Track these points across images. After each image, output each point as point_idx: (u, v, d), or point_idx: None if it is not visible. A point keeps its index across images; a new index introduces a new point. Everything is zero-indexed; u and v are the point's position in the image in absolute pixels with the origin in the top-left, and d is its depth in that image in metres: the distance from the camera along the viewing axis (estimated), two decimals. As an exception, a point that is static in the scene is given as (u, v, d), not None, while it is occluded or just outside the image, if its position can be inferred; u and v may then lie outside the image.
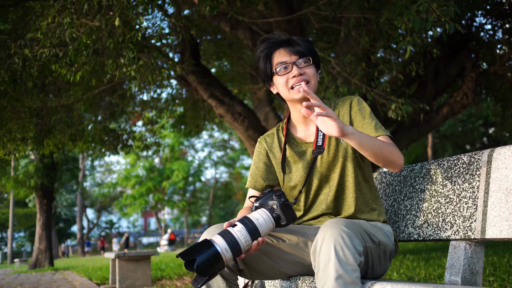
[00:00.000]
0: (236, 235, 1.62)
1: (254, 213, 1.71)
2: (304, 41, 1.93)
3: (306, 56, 1.90)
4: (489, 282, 3.61)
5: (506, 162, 1.63)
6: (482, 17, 7.29)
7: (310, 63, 1.91)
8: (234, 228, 1.65)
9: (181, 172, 30.37)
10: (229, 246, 1.60)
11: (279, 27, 6.08)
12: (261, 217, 1.69)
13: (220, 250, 1.58)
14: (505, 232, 1.57)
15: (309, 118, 1.96)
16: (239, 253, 1.63)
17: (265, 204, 1.74)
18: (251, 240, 1.65)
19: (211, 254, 1.57)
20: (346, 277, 1.47)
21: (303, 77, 1.89)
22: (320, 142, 1.87)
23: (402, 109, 4.76)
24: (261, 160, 2.06)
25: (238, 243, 1.61)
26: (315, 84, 1.92)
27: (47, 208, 14.68)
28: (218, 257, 1.57)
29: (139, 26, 4.18)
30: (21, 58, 4.35)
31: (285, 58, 1.90)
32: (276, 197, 1.73)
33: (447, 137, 22.02)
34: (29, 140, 7.38)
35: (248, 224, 1.66)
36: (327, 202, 1.93)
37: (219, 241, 1.60)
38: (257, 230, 1.66)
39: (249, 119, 7.00)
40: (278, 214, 1.71)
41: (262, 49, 1.96)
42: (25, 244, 40.40)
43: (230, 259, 1.61)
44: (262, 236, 1.68)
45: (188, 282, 6.42)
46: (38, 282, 8.48)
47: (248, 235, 1.64)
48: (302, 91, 1.67)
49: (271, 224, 1.71)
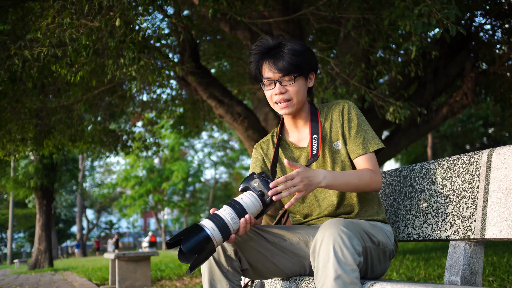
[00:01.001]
0: (224, 216, 1.65)
1: (240, 195, 1.75)
2: (292, 53, 1.87)
3: (290, 73, 1.87)
4: (489, 282, 3.61)
5: (506, 162, 1.63)
6: (481, 17, 7.30)
7: (293, 81, 1.88)
8: (220, 210, 1.68)
9: (181, 172, 30.36)
10: (217, 228, 1.62)
11: (278, 27, 6.08)
12: (247, 198, 1.71)
13: (210, 233, 1.60)
14: (504, 232, 1.57)
15: (300, 123, 2.01)
16: (228, 235, 1.65)
17: (248, 185, 1.76)
18: (239, 219, 1.67)
19: (200, 236, 1.59)
20: (345, 277, 1.48)
21: (284, 96, 1.89)
22: (315, 150, 1.90)
23: (400, 112, 4.77)
24: (258, 166, 2.08)
25: (226, 224, 1.64)
26: (300, 98, 1.92)
27: (47, 208, 14.68)
28: (208, 240, 1.60)
29: (139, 26, 4.18)
30: (21, 59, 4.35)
31: (269, 74, 1.90)
32: (257, 176, 1.75)
33: (447, 137, 22.03)
34: (29, 141, 7.38)
35: (234, 204, 1.69)
36: (329, 206, 1.94)
37: (207, 224, 1.63)
38: (244, 211, 1.68)
39: (248, 120, 6.99)
40: (261, 191, 1.72)
41: (251, 59, 1.95)
42: (25, 244, 40.37)
43: (220, 241, 1.63)
44: (249, 213, 1.70)
45: (187, 283, 6.41)
46: (37, 282, 8.47)
47: (235, 213, 1.66)
48: (274, 199, 1.70)
49: (258, 204, 1.72)
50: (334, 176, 1.77)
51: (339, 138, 1.94)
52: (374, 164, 1.90)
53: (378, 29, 5.02)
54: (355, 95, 4.94)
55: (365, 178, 1.83)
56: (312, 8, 5.48)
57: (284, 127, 2.09)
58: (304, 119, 2.00)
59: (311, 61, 1.94)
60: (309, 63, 1.92)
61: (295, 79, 1.88)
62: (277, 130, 2.10)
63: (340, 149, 1.93)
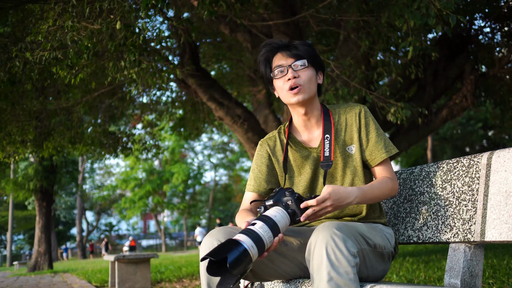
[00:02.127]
0: (259, 232, 1.61)
1: (270, 210, 1.71)
2: (304, 45, 1.93)
3: (302, 58, 1.89)
4: (489, 284, 3.61)
5: (506, 165, 1.63)
6: (481, 20, 7.31)
7: (306, 65, 1.89)
8: (255, 226, 1.63)
9: (181, 174, 30.37)
10: (254, 243, 1.58)
11: (278, 30, 6.09)
12: (278, 214, 1.69)
13: (247, 247, 1.55)
14: (504, 234, 1.57)
15: (311, 123, 1.98)
16: (263, 250, 1.61)
17: (279, 201, 1.73)
18: (273, 237, 1.64)
19: (240, 251, 1.53)
20: (338, 280, 1.48)
21: (296, 80, 1.88)
22: (327, 152, 1.88)
23: (401, 113, 4.76)
24: (264, 163, 2.04)
25: (262, 240, 1.60)
26: (312, 88, 1.91)
27: (47, 210, 14.67)
28: (246, 254, 1.54)
29: (140, 29, 4.19)
30: (22, 61, 4.35)
31: (281, 62, 1.91)
32: (289, 193, 1.73)
33: (447, 139, 22.05)
34: (29, 143, 7.38)
35: (268, 221, 1.65)
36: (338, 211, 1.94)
37: (244, 239, 1.57)
38: (276, 226, 1.66)
39: (248, 122, 7.00)
40: (293, 210, 1.71)
41: (262, 54, 1.97)
42: (24, 246, 40.34)
43: (256, 256, 1.59)
44: (281, 232, 1.68)
45: (187, 285, 6.41)
46: (37, 285, 8.46)
47: (270, 231, 1.63)
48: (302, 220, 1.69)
49: (287, 220, 1.71)
50: (364, 194, 1.77)
51: (353, 142, 1.92)
52: (391, 170, 1.92)
53: (378, 31, 5.03)
54: (356, 96, 4.95)
55: (388, 189, 1.86)
56: (312, 10, 5.49)
57: (292, 125, 2.05)
58: (316, 117, 1.97)
59: (320, 60, 1.97)
60: (319, 59, 1.96)
61: (308, 64, 1.90)
62: (284, 128, 2.06)
63: (353, 153, 1.91)
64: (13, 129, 6.72)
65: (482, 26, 7.38)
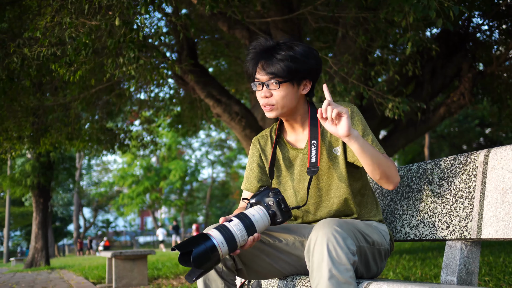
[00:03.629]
0: (233, 230, 1.62)
1: (251, 209, 1.72)
2: (285, 58, 1.82)
3: (277, 77, 1.82)
4: (485, 281, 3.63)
5: (502, 163, 1.64)
6: (479, 18, 7.32)
7: (278, 86, 1.83)
8: (230, 222, 1.65)
9: (178, 171, 30.35)
10: (225, 240, 1.59)
11: (276, 27, 6.08)
12: (257, 213, 1.69)
13: (217, 244, 1.57)
14: (501, 232, 1.58)
15: (296, 125, 1.98)
16: (234, 248, 1.63)
17: (261, 201, 1.74)
18: (247, 236, 1.65)
19: (207, 246, 1.56)
20: (339, 277, 1.48)
21: (268, 100, 1.86)
22: (313, 158, 1.86)
23: (399, 107, 4.76)
24: (255, 161, 2.06)
25: (234, 238, 1.61)
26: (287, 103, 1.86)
27: (44, 207, 14.65)
28: (214, 250, 1.56)
29: (138, 26, 4.18)
30: (20, 57, 4.34)
31: (259, 76, 1.87)
32: (273, 194, 1.73)
33: (444, 137, 22.09)
34: (26, 139, 7.36)
35: (245, 219, 1.66)
36: (329, 212, 1.94)
37: (215, 235, 1.59)
38: (253, 226, 1.66)
39: (246, 119, 7.00)
40: (274, 211, 1.71)
41: (248, 58, 1.92)
42: (21, 243, 40.29)
43: (225, 253, 1.61)
44: (257, 232, 1.68)
45: (184, 281, 6.42)
46: (34, 281, 8.46)
47: (245, 230, 1.64)
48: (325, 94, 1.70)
49: (267, 221, 1.71)
50: (365, 143, 1.73)
51: (339, 144, 1.90)
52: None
53: (376, 28, 5.02)
54: (353, 92, 4.95)
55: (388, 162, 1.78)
56: (310, 7, 5.48)
57: (282, 125, 2.06)
58: (300, 122, 1.96)
59: (309, 68, 1.86)
60: (305, 69, 1.85)
61: (280, 85, 1.83)
62: (275, 127, 2.07)
63: (339, 155, 1.90)
64: (10, 125, 6.70)
65: (480, 24, 7.39)
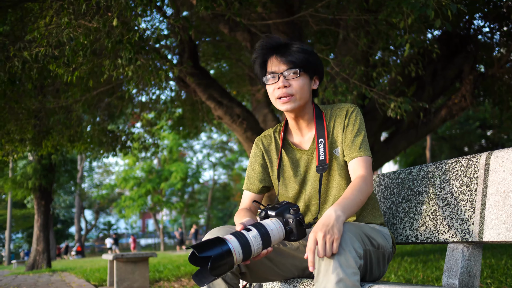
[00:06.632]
0: (250, 240, 1.60)
1: (269, 221, 1.70)
2: (300, 51, 1.86)
3: (296, 67, 1.84)
4: (487, 284, 3.61)
5: (504, 165, 1.63)
6: (480, 20, 7.31)
7: (298, 75, 1.84)
8: (248, 232, 1.63)
9: (180, 173, 30.34)
10: (241, 248, 1.57)
11: (277, 29, 6.09)
12: (275, 227, 1.68)
13: (233, 249, 1.55)
14: (502, 235, 1.57)
15: (302, 126, 1.97)
16: (248, 257, 1.61)
17: (281, 216, 1.72)
18: (262, 248, 1.63)
19: (224, 250, 1.53)
20: (347, 281, 1.47)
21: (287, 90, 1.84)
22: (322, 155, 1.86)
23: (401, 107, 4.75)
24: (257, 162, 2.06)
25: (250, 247, 1.59)
26: (304, 95, 1.87)
27: (45, 209, 14.66)
28: (229, 255, 1.54)
29: (137, 27, 4.18)
30: (21, 60, 4.34)
31: (274, 68, 1.87)
32: (294, 212, 1.71)
33: (445, 139, 22.05)
34: (27, 141, 7.37)
35: (263, 231, 1.65)
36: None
37: (233, 241, 1.57)
38: (269, 238, 1.65)
39: (247, 121, 7.00)
40: (291, 229, 1.71)
41: (257, 55, 1.92)
42: (23, 245, 40.30)
43: (239, 261, 1.58)
44: (271, 245, 1.67)
45: (186, 284, 6.41)
46: (35, 283, 8.46)
47: (261, 242, 1.62)
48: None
49: (282, 236, 1.70)
50: (339, 204, 1.66)
51: (338, 144, 1.91)
52: (367, 166, 1.83)
53: (377, 30, 5.02)
54: (355, 92, 4.93)
55: (362, 194, 1.75)
56: (311, 9, 5.48)
57: (287, 127, 2.05)
58: (307, 121, 1.96)
59: (317, 64, 1.91)
60: (315, 65, 1.90)
61: (300, 73, 1.84)
62: (280, 128, 2.06)
63: (339, 155, 1.91)
64: (12, 128, 6.71)
65: (481, 26, 7.38)
